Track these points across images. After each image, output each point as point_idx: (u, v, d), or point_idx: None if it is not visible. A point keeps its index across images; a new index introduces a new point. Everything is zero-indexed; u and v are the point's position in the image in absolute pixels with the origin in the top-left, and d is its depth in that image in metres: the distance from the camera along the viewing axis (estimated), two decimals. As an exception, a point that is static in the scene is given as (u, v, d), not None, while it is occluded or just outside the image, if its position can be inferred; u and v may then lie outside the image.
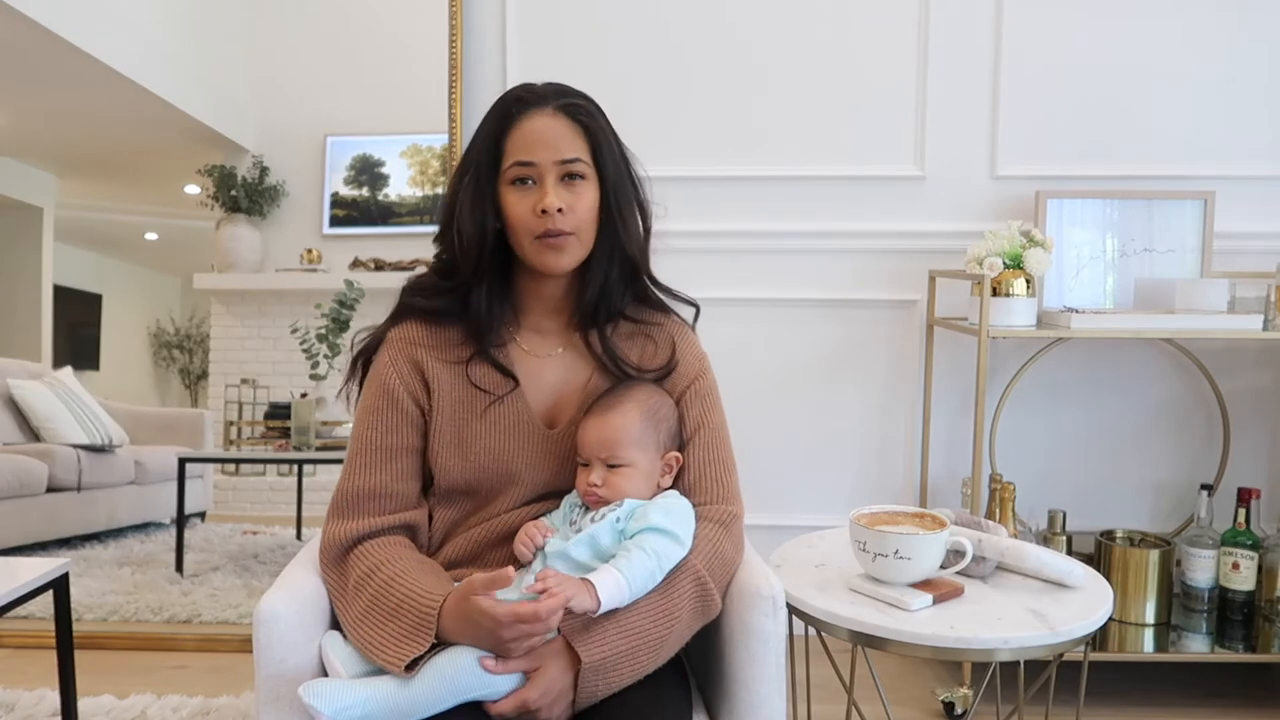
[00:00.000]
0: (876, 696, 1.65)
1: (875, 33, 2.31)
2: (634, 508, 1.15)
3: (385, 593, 1.08)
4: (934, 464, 2.38)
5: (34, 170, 2.70)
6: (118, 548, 2.75)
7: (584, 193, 1.18)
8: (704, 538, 1.16)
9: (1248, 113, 2.29)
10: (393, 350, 1.23)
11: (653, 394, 1.23)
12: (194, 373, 2.80)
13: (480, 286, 1.21)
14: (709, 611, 1.15)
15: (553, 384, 1.25)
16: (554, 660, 1.04)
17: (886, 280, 2.37)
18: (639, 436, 1.17)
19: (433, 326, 1.24)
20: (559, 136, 1.17)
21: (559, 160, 1.17)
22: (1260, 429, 2.36)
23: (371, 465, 1.19)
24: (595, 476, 1.17)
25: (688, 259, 2.38)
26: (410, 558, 1.15)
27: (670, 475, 1.22)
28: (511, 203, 1.17)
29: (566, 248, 1.18)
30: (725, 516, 1.21)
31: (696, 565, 1.13)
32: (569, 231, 1.16)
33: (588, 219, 1.19)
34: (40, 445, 2.69)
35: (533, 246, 1.17)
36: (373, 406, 1.22)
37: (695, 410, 1.26)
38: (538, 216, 1.15)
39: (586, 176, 1.19)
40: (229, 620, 2.46)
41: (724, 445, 1.27)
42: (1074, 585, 1.34)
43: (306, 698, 1.00)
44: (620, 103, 2.33)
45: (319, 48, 2.53)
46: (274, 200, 2.61)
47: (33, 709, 2.00)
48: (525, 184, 1.17)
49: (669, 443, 1.22)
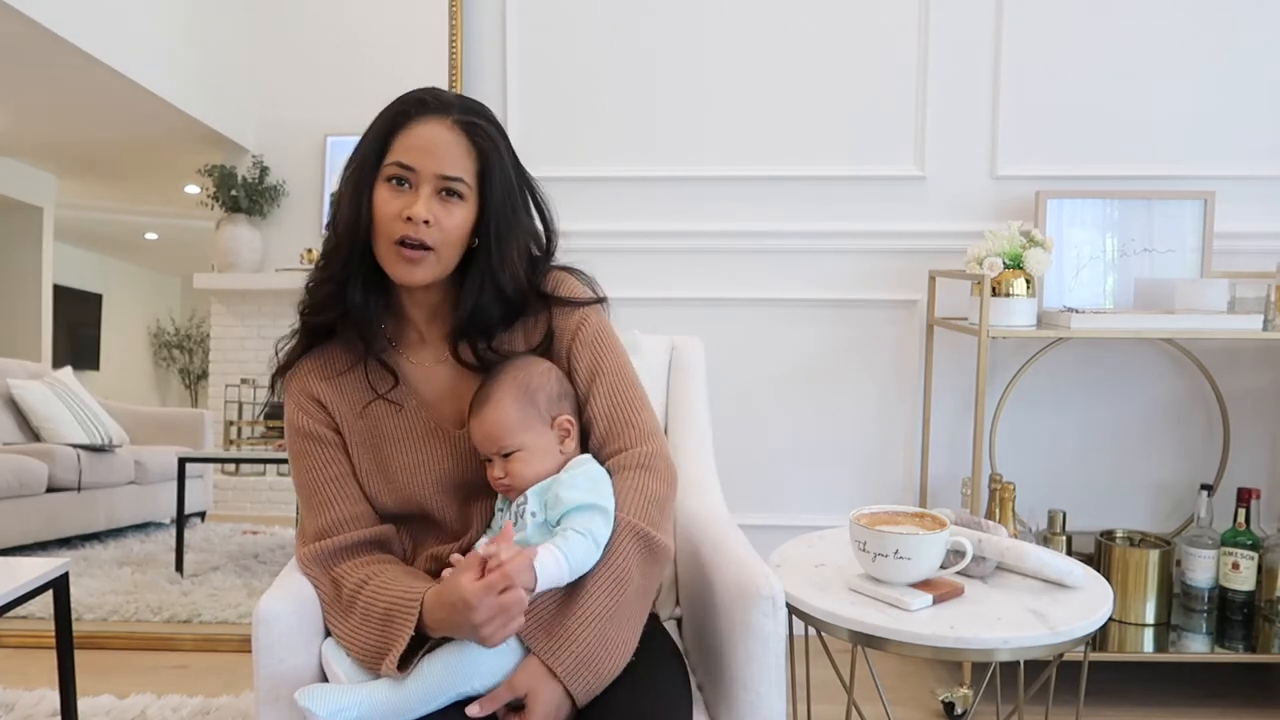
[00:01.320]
0: (876, 696, 1.65)
1: (875, 33, 2.32)
2: (541, 495, 1.13)
3: (374, 602, 1.09)
4: (934, 464, 2.38)
5: (34, 170, 2.70)
6: (118, 548, 2.74)
7: (456, 212, 1.14)
8: (627, 487, 1.14)
9: (1248, 113, 2.29)
10: (293, 395, 1.23)
11: (520, 367, 1.18)
12: (194, 373, 2.79)
13: (355, 281, 1.17)
14: (659, 555, 1.12)
15: (450, 387, 1.23)
16: (540, 683, 1.03)
17: (886, 280, 2.37)
18: (518, 419, 1.15)
19: (321, 350, 1.23)
20: (448, 150, 1.13)
21: (440, 174, 1.13)
22: (1260, 429, 2.36)
23: (325, 502, 1.19)
24: (497, 469, 1.16)
25: (688, 259, 2.39)
26: (395, 568, 1.16)
27: (571, 438, 1.19)
28: (381, 199, 1.14)
29: (421, 262, 1.13)
30: (642, 458, 1.17)
31: (628, 520, 1.11)
32: (429, 246, 1.12)
33: (454, 238, 1.14)
34: (40, 445, 2.69)
35: (388, 251, 1.14)
36: (300, 450, 1.22)
37: (585, 359, 1.22)
38: (401, 221, 1.12)
39: (465, 197, 1.14)
40: (229, 620, 2.46)
41: (628, 385, 1.22)
42: (1074, 585, 1.34)
43: (302, 701, 1.01)
44: (620, 102, 2.35)
45: (319, 48, 2.53)
46: (274, 200, 2.61)
47: (33, 709, 2.00)
48: (400, 185, 1.13)
49: (553, 408, 1.18)
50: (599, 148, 2.37)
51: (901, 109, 2.33)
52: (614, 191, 2.37)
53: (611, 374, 1.22)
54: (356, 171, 1.16)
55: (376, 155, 1.15)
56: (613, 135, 2.37)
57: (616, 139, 2.37)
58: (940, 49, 2.30)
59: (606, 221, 2.38)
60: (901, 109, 2.33)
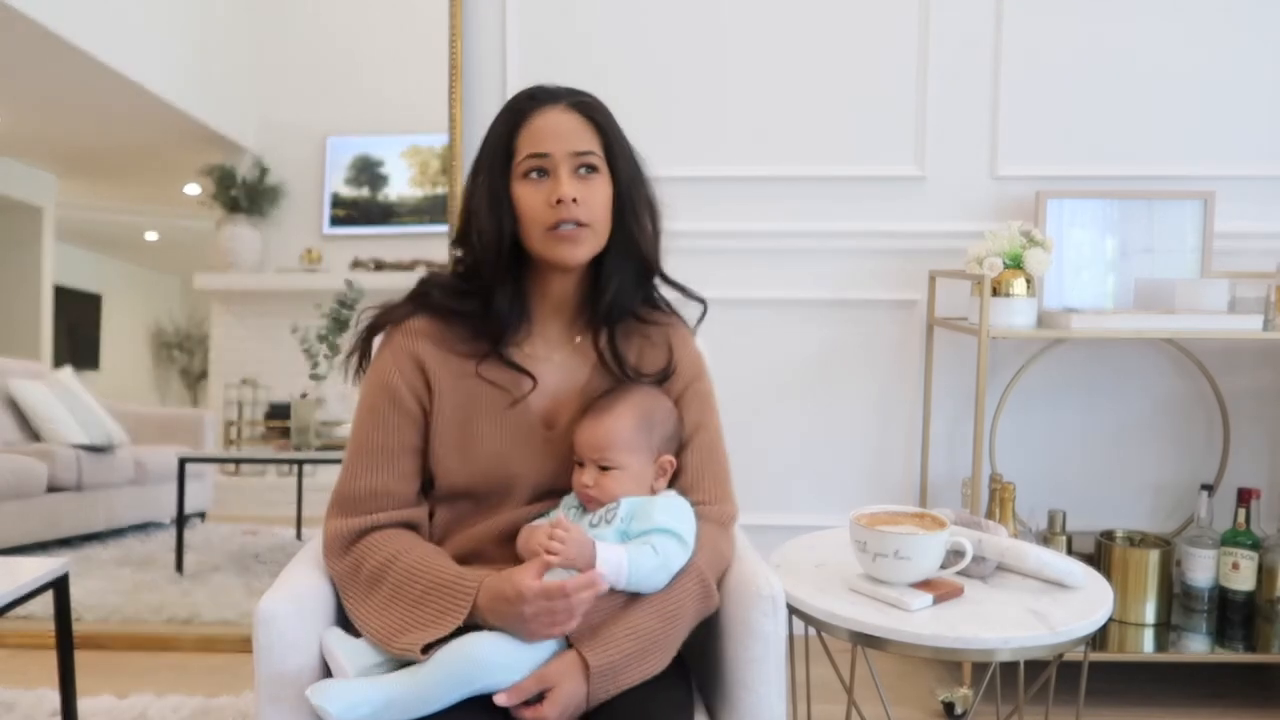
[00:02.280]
0: (876, 696, 1.65)
1: (875, 33, 2.32)
2: (634, 508, 1.15)
3: (409, 580, 1.09)
4: (934, 464, 2.38)
5: (34, 170, 2.70)
6: (118, 548, 2.74)
7: (598, 186, 1.18)
8: (705, 536, 1.18)
9: (1248, 113, 2.29)
10: (395, 348, 1.21)
11: (649, 397, 1.23)
12: (194, 373, 2.79)
13: (504, 288, 1.20)
14: (708, 608, 1.17)
15: (552, 386, 1.25)
16: (567, 677, 1.04)
17: (886, 280, 2.37)
18: (630, 440, 1.18)
19: (442, 323, 1.23)
20: (572, 130, 1.17)
21: (573, 151, 1.16)
22: (1260, 429, 2.36)
23: (373, 466, 1.18)
24: (587, 477, 1.18)
25: (688, 259, 2.36)
26: (427, 546, 1.16)
27: (664, 479, 1.23)
28: (524, 195, 1.16)
29: (581, 239, 1.17)
30: (723, 517, 1.23)
31: (699, 566, 1.15)
32: (584, 222, 1.16)
33: (602, 212, 1.18)
34: (40, 445, 2.69)
35: (545, 239, 1.16)
36: (373, 406, 1.21)
37: (693, 411, 1.27)
38: (551, 207, 1.14)
39: (600, 170, 1.18)
40: (229, 620, 2.45)
41: (720, 447, 1.29)
42: (1074, 585, 1.34)
43: (314, 699, 1.00)
44: (621, 102, 2.34)
45: (319, 48, 2.53)
46: (274, 200, 2.61)
47: (33, 709, 2.00)
48: (539, 176, 1.16)
49: (663, 446, 1.22)
50: (599, 148, 2.37)
51: (901, 109, 2.33)
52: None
53: (711, 433, 1.28)
54: (487, 179, 1.18)
55: (504, 157, 1.18)
56: (613, 135, 2.37)
57: (616, 139, 2.37)
58: (940, 49, 2.30)
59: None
60: (901, 109, 2.33)
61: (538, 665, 1.05)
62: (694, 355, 1.32)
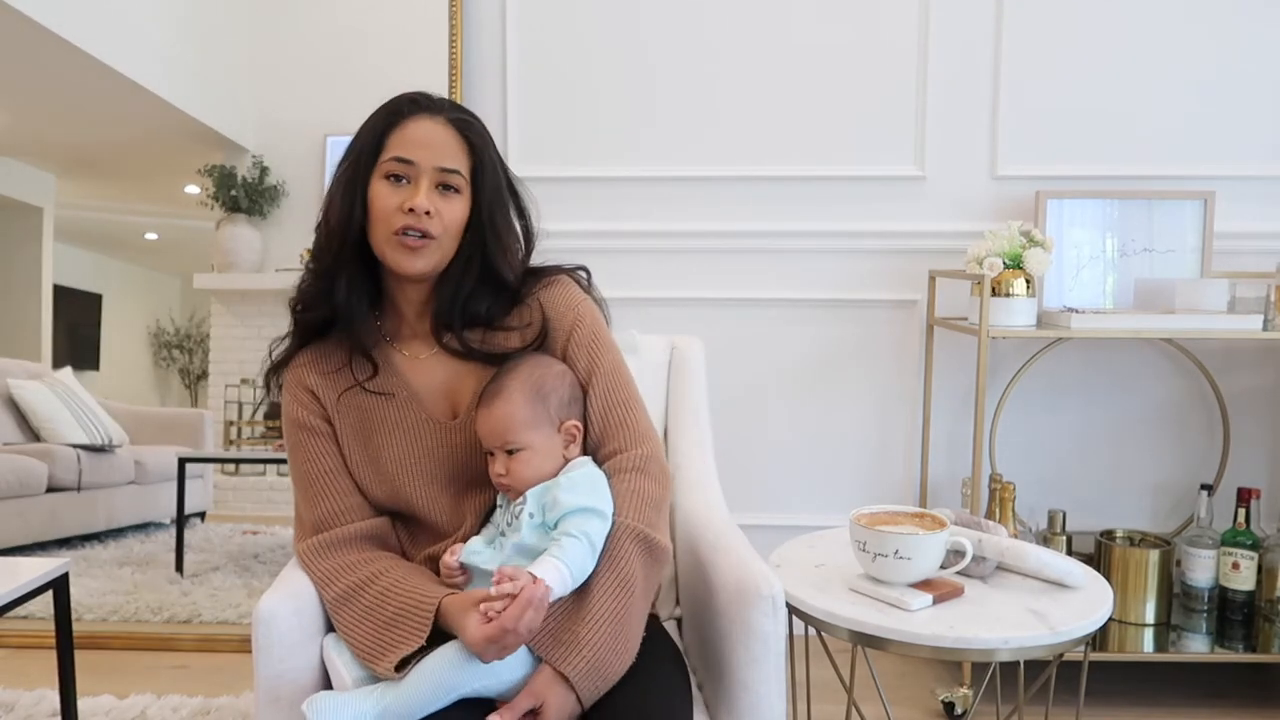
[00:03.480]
0: (876, 696, 1.65)
1: (875, 33, 2.32)
2: (539, 496, 1.13)
3: (381, 603, 1.11)
4: (934, 464, 2.38)
5: (34, 170, 2.70)
6: (118, 548, 2.74)
7: (455, 204, 1.18)
8: (624, 492, 1.15)
9: (1248, 113, 2.29)
10: (290, 385, 1.26)
11: (535, 367, 1.19)
12: (194, 373, 2.79)
13: (341, 277, 1.20)
14: (659, 556, 1.14)
15: (442, 381, 1.25)
16: (550, 689, 1.04)
17: (886, 280, 2.37)
18: (527, 417, 1.15)
19: (315, 346, 1.26)
20: (444, 144, 1.18)
21: (438, 166, 1.17)
22: (1260, 429, 2.36)
23: (319, 494, 1.22)
24: (499, 466, 1.16)
25: (688, 259, 2.39)
26: (403, 567, 1.17)
27: (575, 444, 1.20)
28: (379, 194, 1.16)
29: (423, 251, 1.17)
30: (638, 461, 1.18)
31: (628, 523, 1.12)
32: (433, 235, 1.16)
33: (453, 230, 1.19)
34: (40, 445, 2.69)
35: (389, 243, 1.16)
36: (295, 443, 1.25)
37: (582, 359, 1.23)
38: (402, 213, 1.15)
39: (460, 190, 1.19)
40: (229, 620, 2.45)
41: (623, 385, 1.24)
42: (1074, 585, 1.34)
43: (310, 714, 1.02)
44: (620, 102, 2.35)
45: (319, 48, 2.53)
46: (274, 200, 2.61)
47: (33, 709, 2.00)
48: (398, 181, 1.17)
49: (563, 412, 1.19)
50: (598, 148, 2.37)
51: (901, 109, 2.33)
52: (614, 191, 2.37)
53: (608, 374, 1.23)
54: (350, 169, 1.19)
55: (372, 153, 1.18)
56: (612, 135, 2.37)
57: (616, 139, 2.37)
58: (940, 49, 2.30)
59: (606, 221, 2.38)
60: (901, 109, 2.33)
61: (519, 667, 1.06)
62: (567, 303, 1.26)
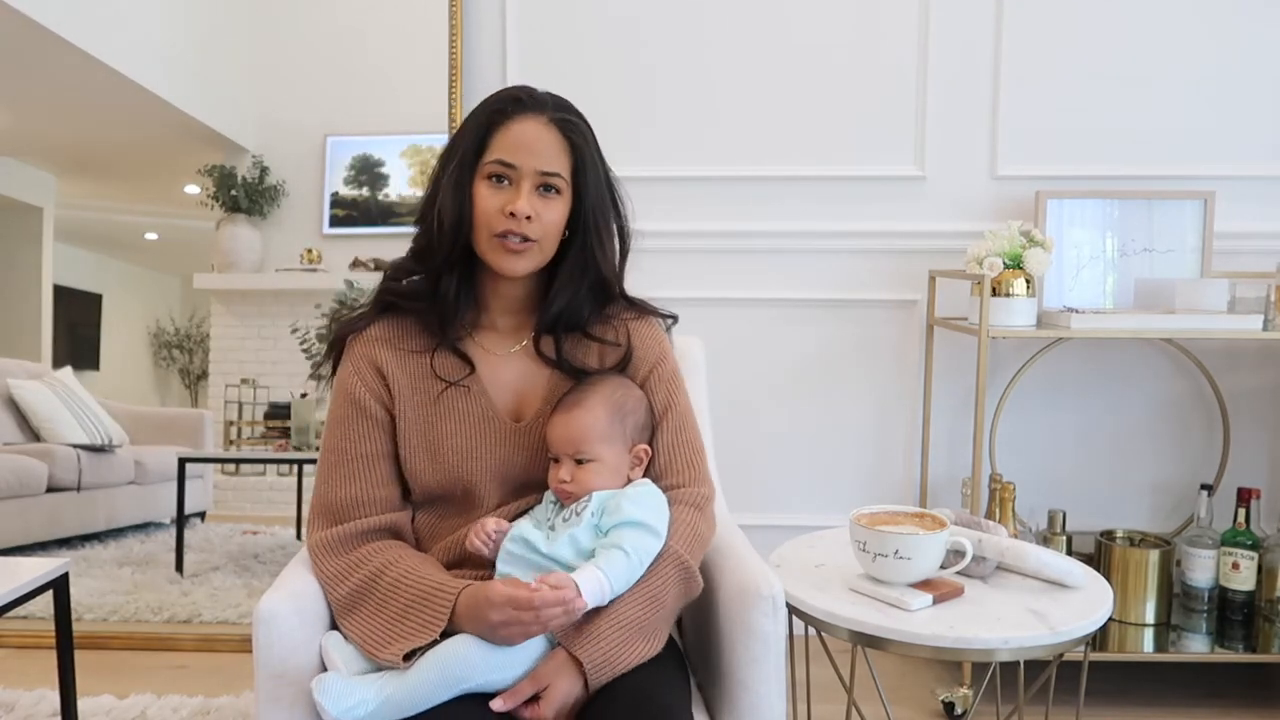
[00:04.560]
0: (876, 696, 1.65)
1: (876, 33, 2.31)
2: (604, 500, 1.15)
3: (395, 592, 1.11)
4: (934, 464, 2.38)
5: (34, 170, 2.70)
6: (118, 548, 2.74)
7: (555, 206, 1.20)
8: (680, 521, 1.18)
9: (1248, 113, 2.29)
10: (355, 356, 1.25)
11: (619, 387, 1.23)
12: (194, 373, 2.80)
13: (451, 274, 1.23)
14: (692, 591, 1.17)
15: (513, 380, 1.26)
16: (560, 675, 1.05)
17: (886, 280, 2.37)
18: (605, 431, 1.18)
19: (394, 322, 1.26)
20: (546, 146, 1.19)
21: (540, 170, 1.18)
22: (1260, 429, 2.36)
23: (349, 475, 1.21)
24: (564, 473, 1.18)
25: (688, 259, 2.39)
26: (414, 556, 1.17)
27: (640, 467, 1.23)
28: (482, 195, 1.18)
29: (525, 253, 1.19)
30: (698, 499, 1.23)
31: (677, 549, 1.14)
32: (532, 239, 1.18)
33: (552, 232, 1.20)
34: (40, 445, 2.69)
35: (490, 244, 1.19)
36: (341, 416, 1.23)
37: (660, 394, 1.27)
38: (504, 216, 1.16)
39: (562, 191, 1.21)
40: (229, 620, 2.46)
41: (691, 428, 1.28)
42: (1074, 585, 1.34)
43: (316, 694, 1.03)
44: (621, 103, 2.35)
45: (319, 48, 2.53)
46: (274, 200, 2.61)
47: (33, 709, 2.00)
48: (500, 182, 1.18)
49: (636, 435, 1.22)
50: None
51: (901, 109, 2.33)
52: (614, 191, 2.37)
53: (681, 414, 1.27)
54: (456, 169, 1.20)
55: (475, 152, 1.20)
56: (613, 136, 2.34)
57: (616, 140, 2.34)
58: (940, 49, 2.30)
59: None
60: (901, 109, 2.33)
61: (528, 662, 1.06)
62: (655, 339, 1.31)
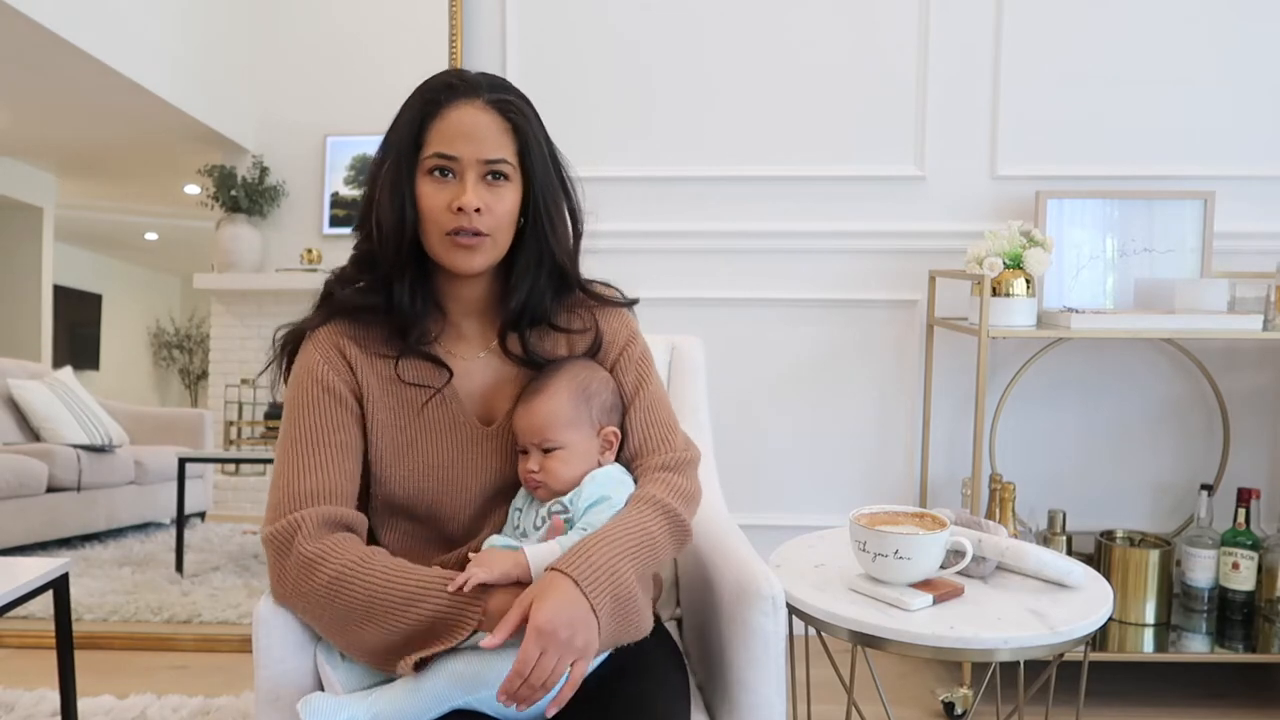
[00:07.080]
0: (876, 696, 1.65)
1: (876, 33, 2.31)
2: (574, 499, 1.13)
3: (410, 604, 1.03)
4: (934, 464, 2.38)
5: (34, 170, 2.70)
6: (118, 548, 2.74)
7: (505, 194, 1.11)
8: (657, 480, 1.14)
9: (1248, 113, 2.29)
10: (319, 342, 1.16)
11: (583, 369, 1.19)
12: (194, 373, 2.79)
13: (403, 281, 1.14)
14: (681, 535, 1.13)
15: (481, 384, 1.20)
16: (549, 588, 0.97)
17: (886, 280, 2.37)
18: (570, 417, 1.14)
19: (357, 323, 1.17)
20: (487, 132, 1.10)
21: (483, 158, 1.09)
22: (1260, 429, 2.36)
23: (321, 464, 1.10)
24: (532, 463, 1.14)
25: (688, 259, 2.39)
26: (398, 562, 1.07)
27: (611, 451, 1.19)
28: (426, 194, 1.10)
29: (479, 248, 1.11)
30: (670, 461, 1.17)
31: (655, 494, 1.11)
32: (484, 233, 1.10)
33: (505, 222, 1.12)
34: (40, 445, 2.69)
35: (441, 243, 1.11)
36: (310, 400, 1.12)
37: (630, 376, 1.23)
38: (452, 213, 1.09)
39: (510, 178, 1.12)
40: (229, 620, 2.45)
41: (664, 406, 1.24)
42: (1074, 585, 1.33)
43: (305, 713, 1.00)
44: (621, 102, 2.35)
45: (319, 48, 2.53)
46: (274, 200, 2.61)
47: (33, 709, 2.00)
48: (443, 176, 1.10)
49: (604, 418, 1.18)
50: (599, 148, 2.37)
51: (901, 109, 2.33)
52: (613, 192, 2.37)
53: (653, 394, 1.23)
54: (392, 168, 1.12)
55: (412, 148, 1.11)
56: (612, 135, 2.37)
57: (616, 139, 2.37)
58: (940, 49, 2.30)
59: (606, 221, 2.35)
60: (901, 109, 2.33)
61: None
62: (623, 321, 1.26)
